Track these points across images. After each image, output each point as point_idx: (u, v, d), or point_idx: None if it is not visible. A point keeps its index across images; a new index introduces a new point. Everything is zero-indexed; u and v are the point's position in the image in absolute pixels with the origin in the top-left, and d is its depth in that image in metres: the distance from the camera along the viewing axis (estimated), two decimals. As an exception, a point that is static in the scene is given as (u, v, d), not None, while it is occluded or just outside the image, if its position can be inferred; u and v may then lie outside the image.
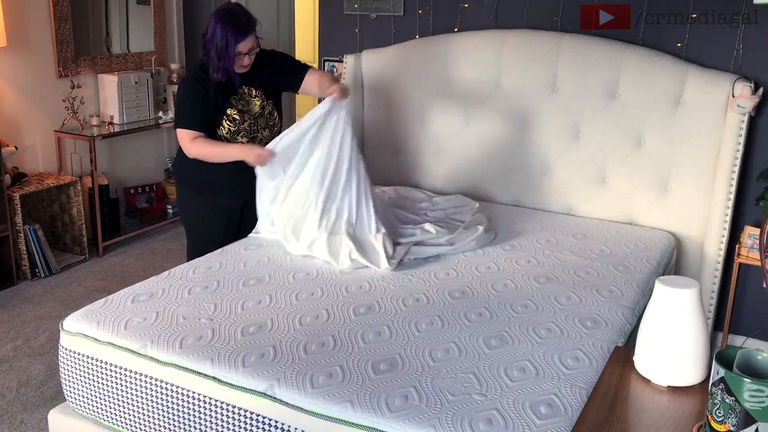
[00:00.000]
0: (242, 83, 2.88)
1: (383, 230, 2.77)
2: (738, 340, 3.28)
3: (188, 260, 2.86)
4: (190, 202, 3.04)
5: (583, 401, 1.79)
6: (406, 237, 2.85)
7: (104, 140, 4.44)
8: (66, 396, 2.24)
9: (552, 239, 2.99)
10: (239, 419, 1.90)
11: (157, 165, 5.08)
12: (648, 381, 1.60)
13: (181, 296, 2.36)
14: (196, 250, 2.97)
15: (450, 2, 3.55)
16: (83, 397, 2.18)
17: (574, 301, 2.39)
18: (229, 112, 2.86)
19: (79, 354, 2.15)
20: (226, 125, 2.85)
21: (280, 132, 2.94)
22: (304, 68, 3.03)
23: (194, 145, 2.79)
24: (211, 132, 2.84)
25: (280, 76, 2.99)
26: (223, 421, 1.93)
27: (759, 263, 2.97)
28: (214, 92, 2.80)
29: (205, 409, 1.95)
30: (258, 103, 2.93)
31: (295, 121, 3.14)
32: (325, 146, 2.79)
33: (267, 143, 2.83)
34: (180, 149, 3.03)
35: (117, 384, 2.09)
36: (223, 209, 2.98)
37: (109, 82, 4.42)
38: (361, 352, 2.02)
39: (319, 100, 3.03)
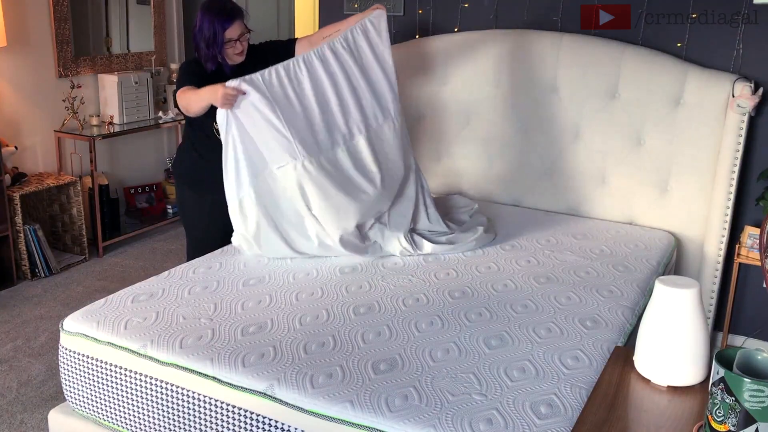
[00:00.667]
0: (235, 78, 2.88)
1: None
2: (738, 340, 3.28)
3: (188, 260, 2.86)
4: (190, 202, 3.04)
5: (583, 401, 1.79)
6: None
7: (104, 140, 4.44)
8: (66, 396, 2.24)
9: (552, 239, 2.99)
10: (239, 419, 1.90)
11: (157, 165, 5.08)
12: (648, 381, 1.60)
13: (181, 296, 2.36)
14: (196, 250, 2.97)
15: (450, 2, 3.55)
16: (83, 397, 2.18)
17: (574, 301, 2.39)
18: None
19: (79, 354, 2.16)
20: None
21: None
22: (290, 44, 3.00)
23: (179, 96, 2.73)
24: (206, 124, 2.84)
25: (268, 65, 2.98)
26: (223, 421, 1.93)
27: (759, 263, 2.97)
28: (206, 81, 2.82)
29: (205, 409, 1.95)
30: None
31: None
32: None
33: None
34: (179, 148, 3.03)
35: (117, 384, 2.09)
36: (223, 208, 2.97)
37: (109, 82, 4.42)
38: (361, 352, 2.02)
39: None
